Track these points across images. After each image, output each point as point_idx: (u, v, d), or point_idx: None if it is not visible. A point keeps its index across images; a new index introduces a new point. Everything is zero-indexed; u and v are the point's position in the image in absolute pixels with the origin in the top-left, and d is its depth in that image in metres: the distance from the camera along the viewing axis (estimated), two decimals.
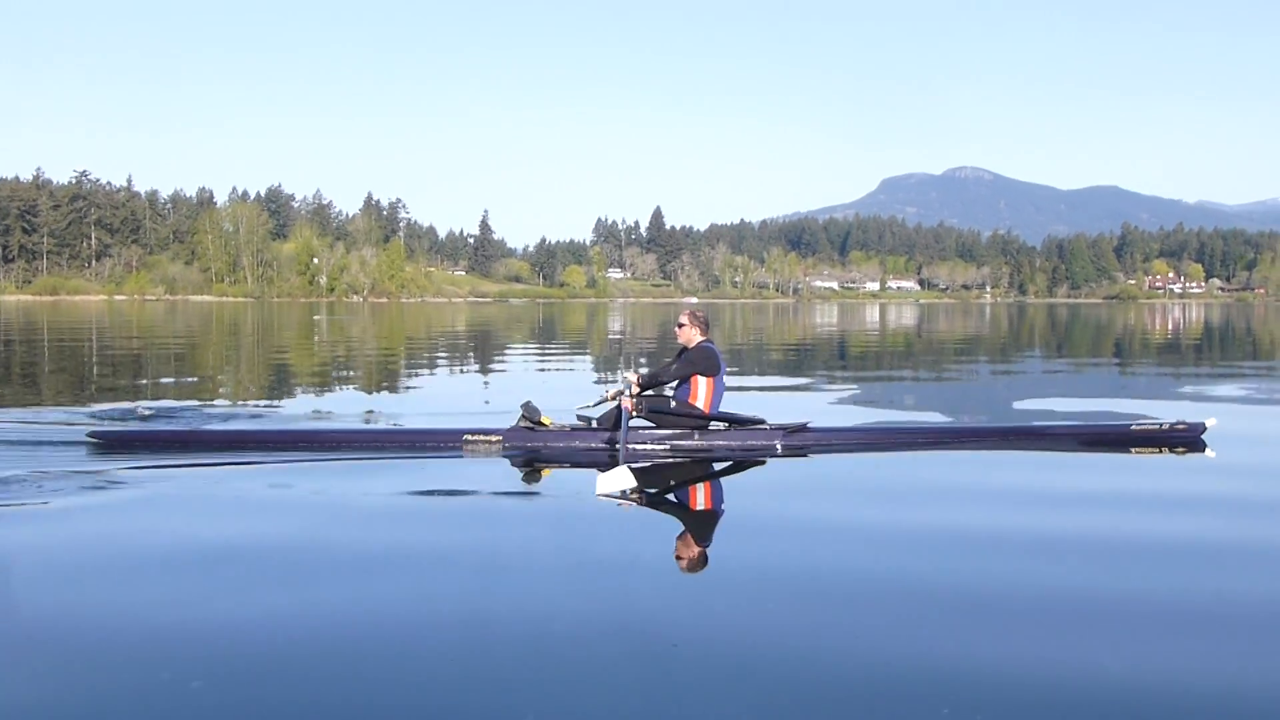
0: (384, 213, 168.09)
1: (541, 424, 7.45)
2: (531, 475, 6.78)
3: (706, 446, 7.36)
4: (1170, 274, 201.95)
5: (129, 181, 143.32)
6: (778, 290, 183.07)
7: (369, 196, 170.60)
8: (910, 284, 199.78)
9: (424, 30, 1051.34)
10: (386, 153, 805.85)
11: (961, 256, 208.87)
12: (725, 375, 7.76)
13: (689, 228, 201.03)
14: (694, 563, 4.53)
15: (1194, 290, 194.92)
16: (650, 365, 15.14)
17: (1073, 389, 14.31)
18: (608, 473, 5.98)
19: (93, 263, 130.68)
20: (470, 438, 7.43)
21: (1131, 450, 7.50)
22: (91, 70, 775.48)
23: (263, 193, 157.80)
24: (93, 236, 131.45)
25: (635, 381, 7.30)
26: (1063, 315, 64.57)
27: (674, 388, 7.61)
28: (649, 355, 21.17)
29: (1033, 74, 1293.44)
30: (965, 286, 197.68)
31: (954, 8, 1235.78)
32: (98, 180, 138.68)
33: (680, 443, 7.34)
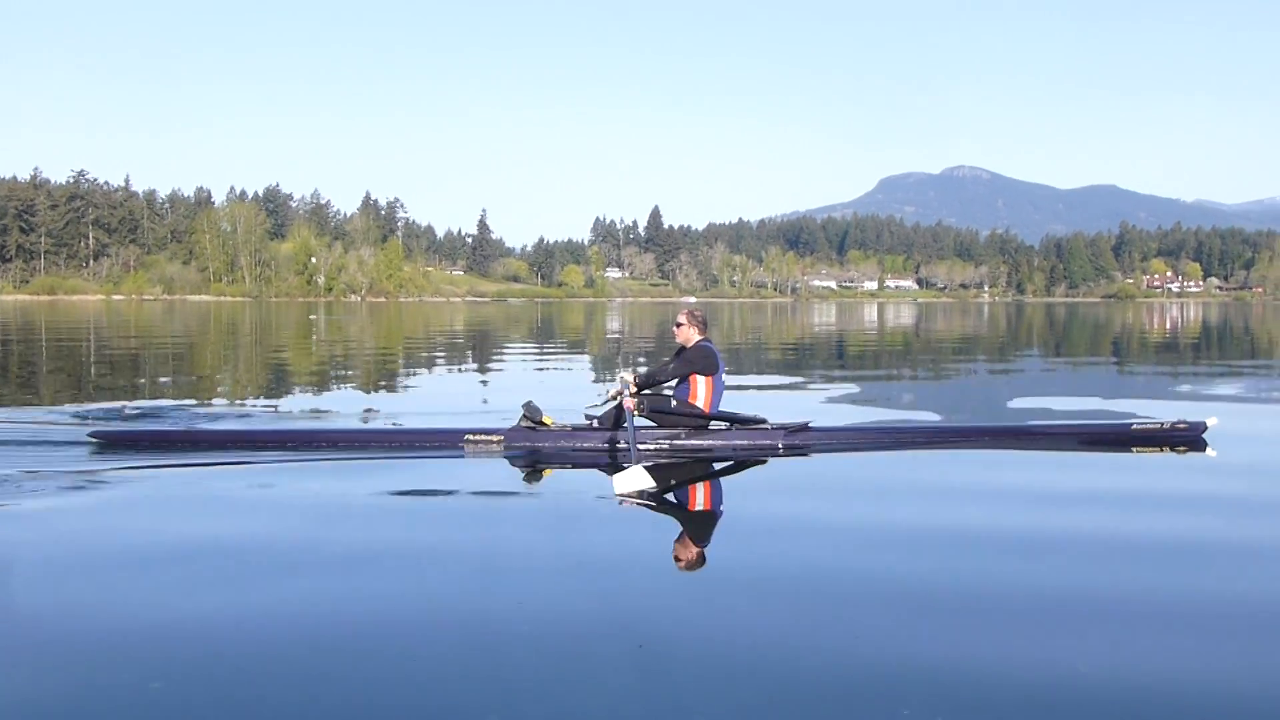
0: (382, 212, 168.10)
1: (543, 424, 7.43)
2: (533, 475, 6.76)
3: (708, 446, 7.34)
4: (1168, 273, 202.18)
5: (126, 181, 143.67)
6: (776, 290, 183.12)
7: (367, 196, 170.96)
8: (908, 283, 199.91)
9: (422, 30, 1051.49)
10: (384, 152, 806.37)
11: (959, 256, 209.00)
12: (725, 375, 7.74)
13: (687, 227, 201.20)
14: (692, 563, 4.51)
15: (1192, 289, 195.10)
16: (649, 365, 15.13)
17: (1072, 388, 14.30)
18: (623, 473, 5.95)
19: (90, 262, 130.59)
20: (471, 437, 7.41)
21: (1132, 449, 7.49)
22: (89, 70, 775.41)
23: (260, 192, 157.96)
24: (90, 236, 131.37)
25: (633, 381, 7.29)
26: (1061, 314, 64.60)
27: (673, 387, 7.59)
28: (647, 355, 21.15)
29: (1031, 73, 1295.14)
30: (963, 286, 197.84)
31: (952, 8, 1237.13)
32: (95, 180, 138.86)
33: (681, 442, 7.32)
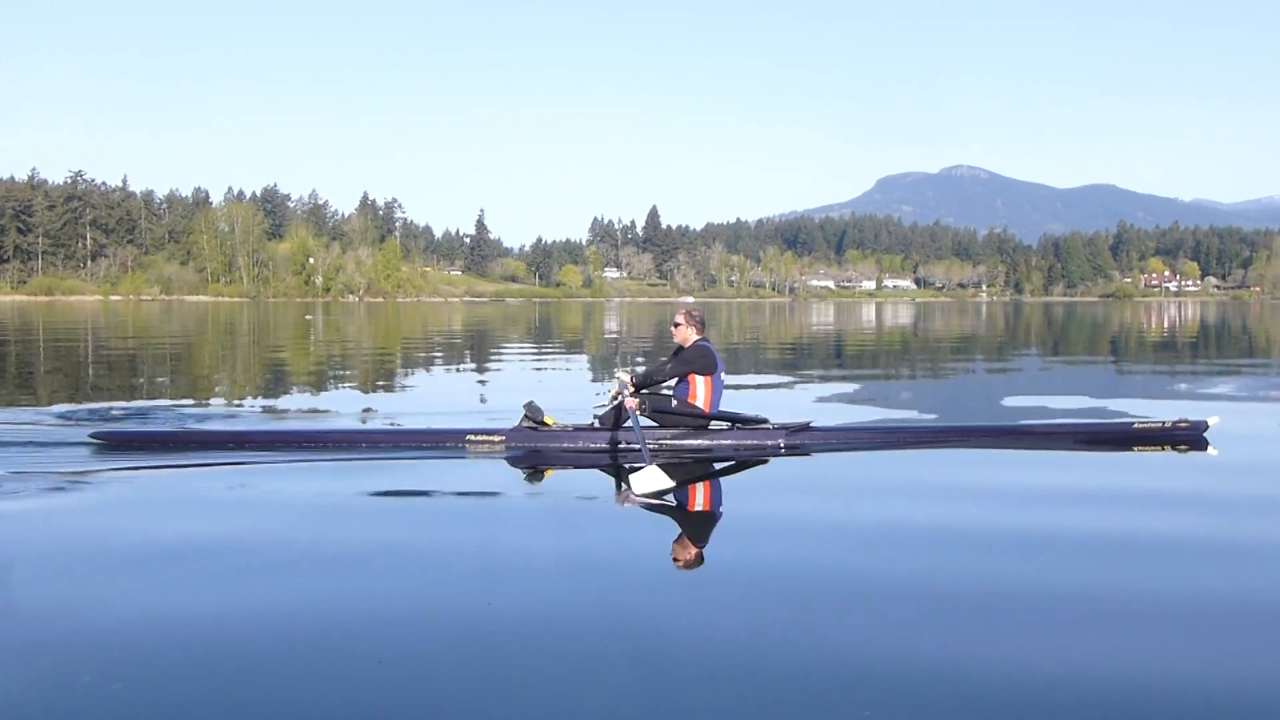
0: (380, 212, 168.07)
1: (544, 424, 7.41)
2: (534, 475, 6.75)
3: (709, 446, 7.33)
4: (1166, 272, 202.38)
5: (124, 181, 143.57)
6: (774, 289, 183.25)
7: (365, 196, 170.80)
8: (906, 283, 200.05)
9: (420, 30, 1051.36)
10: (382, 152, 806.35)
11: (957, 255, 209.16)
12: (724, 375, 7.72)
13: (685, 227, 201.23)
14: (690, 563, 4.50)
15: (1190, 288, 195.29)
16: (647, 365, 15.11)
17: (1071, 388, 14.29)
18: (640, 473, 5.92)
19: (88, 263, 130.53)
20: (473, 438, 7.40)
21: (1134, 448, 7.48)
22: (87, 70, 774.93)
23: (258, 192, 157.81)
24: (88, 237, 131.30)
25: (630, 381, 7.28)
26: (1059, 314, 64.64)
27: (673, 387, 7.57)
28: (646, 355, 21.13)
29: (1029, 73, 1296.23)
30: (961, 285, 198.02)
31: (951, 8, 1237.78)
32: (93, 180, 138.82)
33: (682, 442, 7.30)
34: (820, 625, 3.61)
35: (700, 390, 7.44)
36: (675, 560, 4.54)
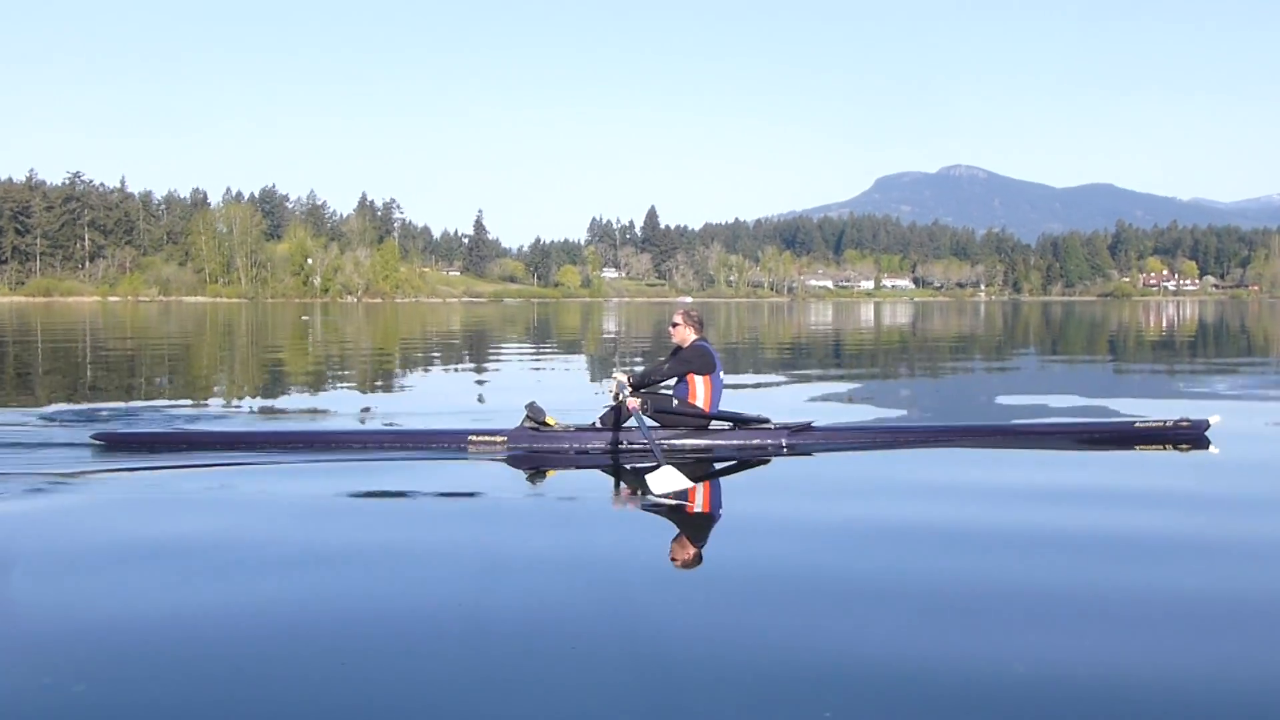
0: (378, 213, 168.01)
1: (546, 424, 7.40)
2: (536, 476, 6.74)
3: (711, 446, 7.31)
4: (1164, 271, 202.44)
5: (122, 182, 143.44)
6: (772, 289, 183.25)
7: (363, 197, 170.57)
8: (905, 282, 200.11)
9: (418, 30, 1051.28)
10: (381, 153, 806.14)
11: (956, 255, 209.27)
12: (723, 374, 7.71)
13: (683, 227, 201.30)
14: (689, 562, 4.49)
15: (1188, 287, 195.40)
16: (645, 365, 15.10)
17: (1070, 387, 14.28)
18: (656, 474, 5.91)
19: (86, 264, 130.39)
20: (475, 438, 7.38)
21: (1135, 448, 7.47)
22: (85, 71, 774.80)
23: (257, 193, 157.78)
24: (86, 238, 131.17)
25: (627, 381, 7.27)
26: (1057, 313, 64.65)
27: (673, 387, 7.56)
28: (644, 354, 21.12)
29: (1028, 73, 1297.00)
30: (960, 285, 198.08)
31: (949, 7, 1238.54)
32: (91, 181, 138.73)
33: (684, 442, 7.29)
34: (822, 625, 3.59)
35: (700, 390, 7.43)
36: (673, 560, 4.53)
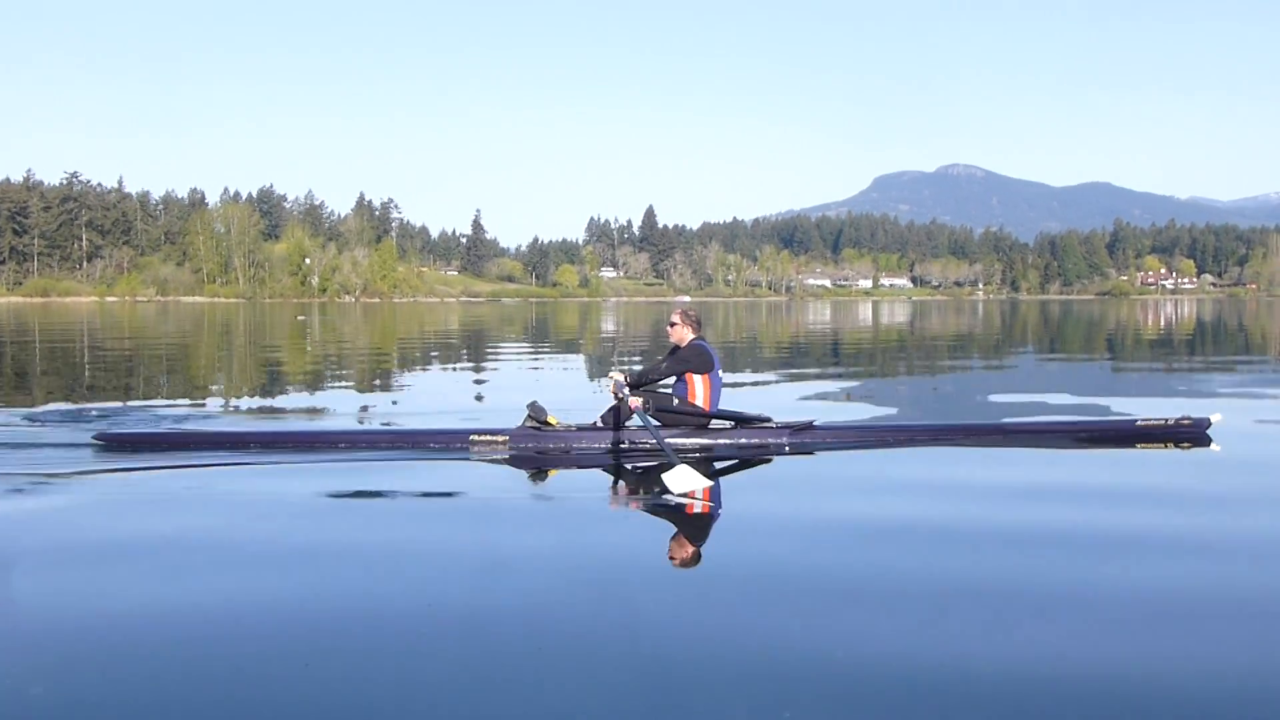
0: (376, 213, 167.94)
1: (548, 424, 7.39)
2: (538, 475, 6.73)
3: (712, 445, 7.30)
4: (1162, 270, 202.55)
5: (120, 182, 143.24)
6: (770, 289, 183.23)
7: (361, 197, 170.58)
8: (903, 281, 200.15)
9: (416, 31, 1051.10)
10: (379, 153, 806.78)
11: (954, 254, 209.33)
12: (723, 373, 7.70)
13: (682, 226, 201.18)
14: (687, 561, 4.48)
15: (1186, 286, 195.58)
16: (643, 364, 15.08)
17: (1069, 386, 14.27)
18: (672, 472, 5.89)
19: (84, 264, 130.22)
20: (476, 438, 7.37)
21: (1137, 446, 7.46)
22: (83, 71, 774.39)
23: (254, 193, 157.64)
24: (84, 238, 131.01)
25: (625, 381, 7.25)
26: (1055, 312, 64.67)
27: (672, 386, 7.55)
28: (642, 354, 21.11)
29: (1026, 72, 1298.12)
30: (958, 284, 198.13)
31: (947, 7, 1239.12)
32: (89, 181, 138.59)
33: (686, 441, 7.27)
34: (824, 624, 3.58)
35: (699, 389, 7.42)
36: (672, 559, 4.52)
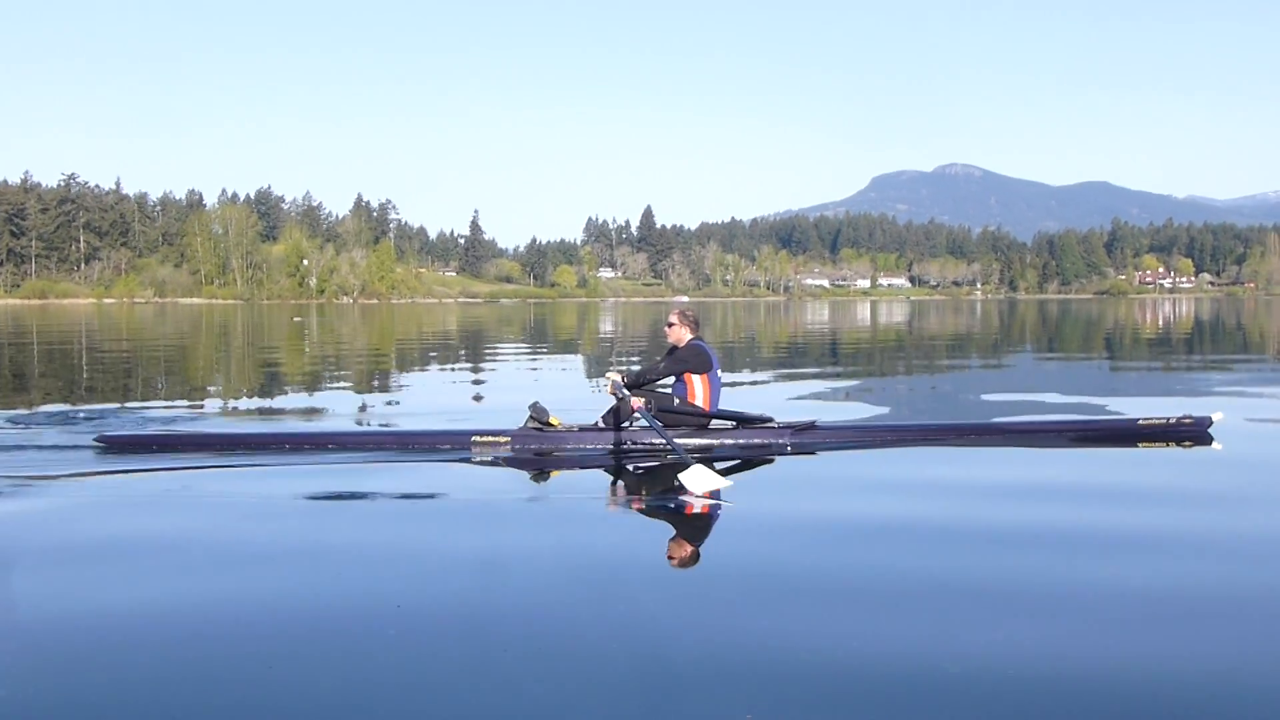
0: (374, 214, 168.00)
1: (549, 425, 7.37)
2: (540, 476, 6.73)
3: (715, 445, 7.29)
4: (1160, 269, 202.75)
5: (118, 184, 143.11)
6: (768, 288, 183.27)
7: (359, 198, 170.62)
8: (901, 281, 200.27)
9: (414, 32, 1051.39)
10: (377, 154, 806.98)
11: (952, 253, 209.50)
12: (721, 373, 7.68)
13: (680, 227, 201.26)
14: (685, 561, 4.48)
15: (1184, 285, 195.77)
16: (641, 364, 15.08)
17: (1069, 385, 14.27)
18: (689, 473, 5.86)
19: (81, 266, 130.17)
20: (478, 439, 7.35)
21: (1138, 445, 7.45)
22: (81, 72, 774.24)
23: (252, 195, 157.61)
24: (81, 240, 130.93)
25: (622, 380, 7.24)
26: (1053, 311, 64.72)
27: (672, 387, 7.54)
28: (641, 354, 21.10)
29: (1024, 71, 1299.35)
30: (956, 283, 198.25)
31: (946, 6, 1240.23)
32: (86, 183, 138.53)
33: (688, 441, 7.25)
34: (825, 623, 3.57)
35: (699, 389, 7.41)
36: (670, 558, 4.51)
